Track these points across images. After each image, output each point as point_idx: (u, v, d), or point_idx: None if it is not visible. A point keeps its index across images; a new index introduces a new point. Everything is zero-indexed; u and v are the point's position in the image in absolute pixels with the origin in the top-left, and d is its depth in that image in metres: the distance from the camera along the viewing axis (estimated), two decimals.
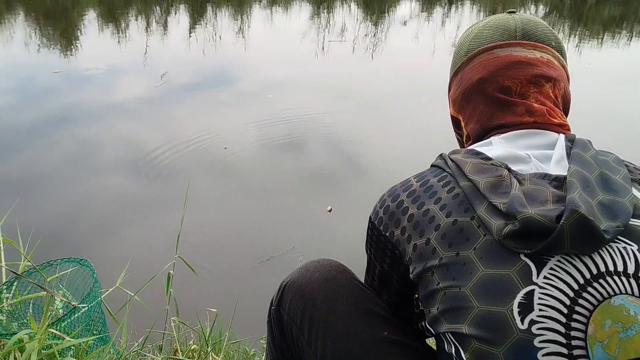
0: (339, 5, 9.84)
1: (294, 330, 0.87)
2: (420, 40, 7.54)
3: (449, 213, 0.70)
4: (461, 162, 0.75)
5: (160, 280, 1.66)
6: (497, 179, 0.70)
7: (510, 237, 0.63)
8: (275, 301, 0.92)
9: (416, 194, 0.76)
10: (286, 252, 2.75)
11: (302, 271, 0.91)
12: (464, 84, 0.88)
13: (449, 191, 0.73)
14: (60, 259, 1.59)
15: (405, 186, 0.79)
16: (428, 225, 0.71)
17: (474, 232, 0.67)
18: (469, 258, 0.66)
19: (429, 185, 0.76)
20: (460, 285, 0.66)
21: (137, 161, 3.75)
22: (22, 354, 1.20)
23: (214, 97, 5.08)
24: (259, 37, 7.50)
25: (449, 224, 0.69)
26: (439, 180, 0.76)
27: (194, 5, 9.26)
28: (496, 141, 0.80)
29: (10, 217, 1.77)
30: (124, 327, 1.44)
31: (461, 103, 0.90)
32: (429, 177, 0.77)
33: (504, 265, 0.63)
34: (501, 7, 9.83)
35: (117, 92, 5.14)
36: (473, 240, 0.67)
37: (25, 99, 4.83)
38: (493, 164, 0.73)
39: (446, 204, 0.71)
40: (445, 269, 0.68)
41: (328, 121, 4.47)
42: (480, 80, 0.85)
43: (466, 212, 0.69)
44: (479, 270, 0.65)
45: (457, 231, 0.68)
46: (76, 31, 7.50)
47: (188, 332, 1.82)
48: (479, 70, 0.85)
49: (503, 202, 0.66)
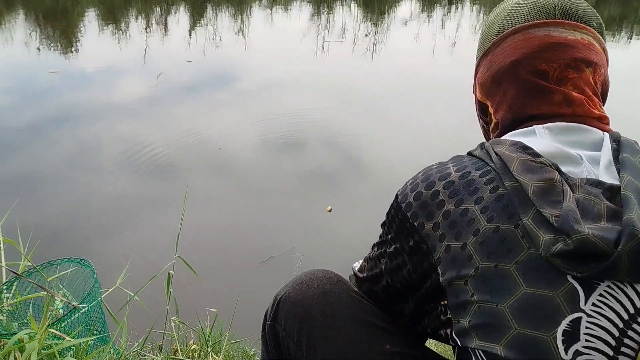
0: (339, 5, 9.84)
1: (290, 346, 0.86)
2: (420, 41, 7.54)
3: (490, 217, 0.63)
4: (507, 158, 0.66)
5: (160, 280, 1.66)
6: (548, 183, 0.62)
7: (559, 256, 0.57)
8: (270, 316, 0.91)
9: (455, 187, 0.67)
10: (286, 252, 2.75)
11: (297, 284, 0.88)
12: (495, 67, 0.80)
13: (493, 190, 0.65)
14: (60, 259, 1.59)
15: (442, 174, 0.70)
16: (466, 227, 0.64)
17: (517, 243, 0.60)
18: (509, 272, 0.60)
19: (470, 180, 0.67)
20: (497, 301, 0.60)
21: (137, 161, 3.75)
22: (22, 354, 1.20)
23: (214, 97, 5.08)
24: (259, 37, 7.50)
25: (489, 230, 0.62)
26: (481, 175, 0.67)
27: (194, 5, 9.26)
28: (540, 132, 0.71)
29: (10, 217, 1.77)
30: (124, 327, 1.44)
31: (490, 87, 0.82)
32: (470, 169, 0.68)
33: (549, 286, 0.57)
34: None
35: (115, 92, 5.14)
36: (515, 252, 0.60)
37: (22, 98, 4.83)
38: (542, 162, 0.65)
39: (488, 206, 0.64)
40: (481, 280, 0.62)
41: (328, 121, 4.47)
42: (514, 63, 0.76)
43: (510, 219, 0.62)
44: (520, 287, 0.59)
45: (498, 240, 0.61)
46: (75, 31, 7.50)
47: (188, 332, 1.82)
48: (513, 52, 0.77)
49: (555, 215, 0.59)
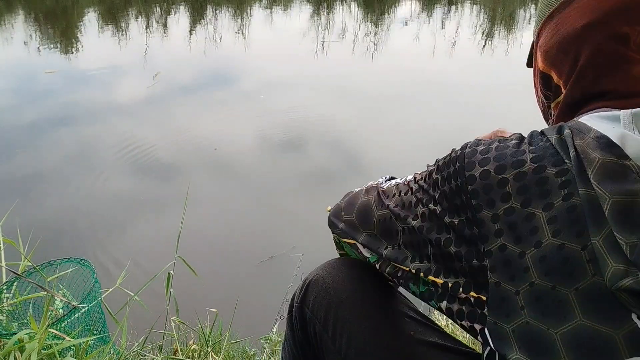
0: (338, 5, 9.84)
1: (317, 328, 0.86)
2: (420, 41, 7.54)
3: (557, 231, 0.55)
4: (587, 157, 0.55)
5: (160, 280, 1.66)
6: (630, 198, 0.52)
7: (627, 292, 0.50)
8: (298, 298, 0.91)
9: (525, 182, 0.58)
10: (286, 252, 2.75)
11: (326, 268, 0.89)
12: (563, 31, 0.68)
13: (565, 198, 0.55)
14: (60, 259, 1.59)
15: (516, 159, 0.60)
16: (528, 235, 0.56)
17: (581, 267, 0.53)
18: (567, 298, 0.53)
19: (544, 177, 0.57)
20: (548, 325, 0.54)
21: (138, 161, 3.75)
22: (22, 354, 1.20)
23: (214, 97, 5.08)
24: (258, 37, 7.50)
25: (553, 246, 0.55)
26: (557, 174, 0.57)
27: (194, 5, 9.26)
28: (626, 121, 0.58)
29: (10, 217, 1.77)
30: (124, 327, 1.44)
31: (556, 55, 0.69)
32: (546, 163, 0.58)
33: (609, 322, 0.51)
34: (501, 7, 9.84)
35: (114, 92, 5.14)
36: (577, 277, 0.53)
37: (20, 98, 4.83)
38: (628, 166, 0.53)
39: (557, 216, 0.55)
40: (535, 297, 0.56)
41: (328, 121, 4.48)
42: (587, 26, 0.65)
43: (578, 237, 0.54)
44: (576, 317, 0.53)
45: (561, 259, 0.54)
46: (75, 31, 7.50)
47: (188, 332, 1.82)
48: (586, 13, 0.65)
49: (631, 243, 0.50)
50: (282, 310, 2.19)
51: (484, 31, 8.26)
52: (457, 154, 0.67)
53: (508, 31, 8.35)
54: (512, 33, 8.16)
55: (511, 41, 7.60)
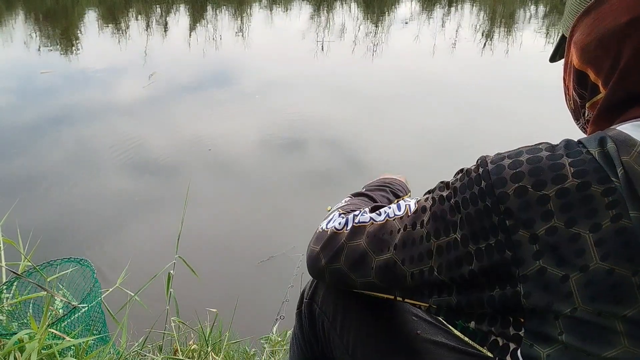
0: (338, 5, 9.84)
1: (325, 324, 0.87)
2: (420, 41, 7.54)
3: (605, 255, 0.51)
4: (636, 175, 0.52)
5: (161, 280, 1.66)
6: None
7: None
8: (308, 294, 0.92)
9: (569, 199, 0.54)
10: (286, 252, 2.75)
11: None
12: (603, 27, 0.63)
13: (614, 219, 0.51)
14: (60, 259, 1.59)
15: (557, 174, 0.55)
16: (573, 257, 0.53)
17: (631, 294, 0.50)
18: (614, 325, 0.51)
19: (589, 196, 0.53)
20: (592, 352, 0.52)
21: (137, 161, 3.75)
22: (22, 354, 1.20)
23: (214, 97, 5.08)
24: (258, 37, 7.50)
25: (601, 271, 0.51)
26: (604, 193, 0.53)
27: (194, 5, 9.26)
28: None
29: (10, 217, 1.77)
30: (124, 327, 1.44)
31: (595, 52, 0.64)
32: (591, 179, 0.53)
33: None
34: (501, 7, 9.84)
35: (114, 92, 5.14)
36: (626, 304, 0.50)
37: (18, 98, 4.83)
38: None
39: (606, 239, 0.52)
40: (577, 323, 0.53)
41: (328, 121, 4.48)
42: (631, 22, 0.60)
43: (629, 262, 0.50)
44: (621, 345, 0.50)
45: (610, 285, 0.51)
46: (75, 31, 7.50)
47: (188, 332, 1.82)
48: (629, 7, 0.60)
49: None
50: (282, 310, 2.19)
51: (484, 31, 8.26)
52: (479, 172, 0.60)
53: (508, 31, 8.34)
54: (512, 33, 8.16)
55: (511, 41, 7.60)
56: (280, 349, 1.81)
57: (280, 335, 1.90)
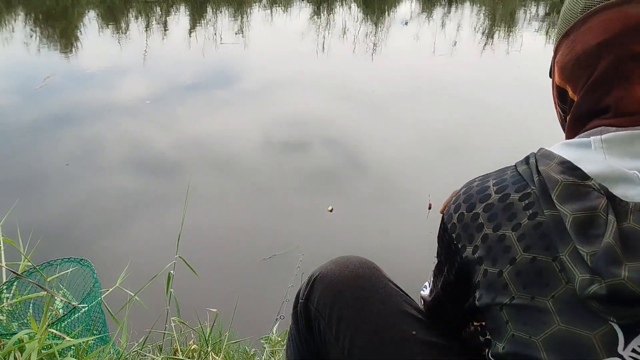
0: (338, 5, 9.84)
1: (321, 325, 0.88)
2: (420, 40, 7.54)
3: (527, 247, 0.60)
4: (550, 180, 0.61)
5: (161, 280, 1.66)
6: (590, 213, 0.57)
7: (595, 299, 0.53)
8: (304, 294, 0.92)
9: (494, 210, 0.65)
10: (288, 251, 2.75)
11: (332, 266, 0.90)
12: (578, 49, 0.70)
13: (531, 217, 0.61)
14: (60, 259, 1.59)
15: (483, 195, 0.68)
16: (502, 255, 0.62)
17: (555, 276, 0.57)
18: (545, 306, 0.58)
19: (509, 203, 0.64)
20: (531, 333, 0.59)
21: (138, 160, 3.75)
22: (22, 354, 1.20)
23: (215, 96, 5.08)
24: (258, 37, 7.50)
25: (526, 260, 0.60)
26: (520, 198, 0.64)
27: (194, 5, 9.26)
28: (597, 145, 0.63)
29: (10, 216, 1.77)
30: (124, 327, 1.44)
31: (572, 72, 0.71)
32: (510, 191, 0.65)
33: (586, 326, 0.55)
34: (501, 6, 9.84)
35: (115, 92, 5.14)
36: (553, 286, 0.57)
37: (18, 98, 4.83)
38: (590, 186, 0.59)
39: (525, 234, 0.61)
40: (516, 310, 0.61)
41: (328, 120, 4.48)
42: (601, 45, 0.66)
43: (548, 250, 0.59)
44: (555, 323, 0.57)
45: (535, 272, 0.59)
46: (75, 31, 7.50)
47: (188, 332, 1.82)
48: (601, 32, 0.67)
49: (591, 252, 0.54)
50: (282, 310, 2.19)
51: (484, 31, 8.26)
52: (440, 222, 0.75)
53: (508, 31, 8.34)
54: (512, 33, 8.16)
55: (511, 41, 7.60)
56: (280, 349, 1.81)
57: (280, 335, 1.90)
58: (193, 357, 1.66)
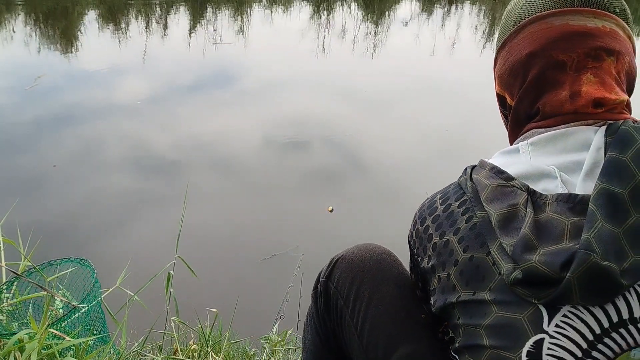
0: (338, 5, 9.84)
1: (339, 302, 0.92)
2: (420, 40, 7.55)
3: (466, 247, 0.67)
4: (480, 185, 0.69)
5: (161, 280, 1.66)
6: (511, 209, 0.64)
7: (517, 284, 0.59)
8: (325, 274, 0.96)
9: (439, 220, 0.73)
10: (288, 250, 2.75)
11: (355, 250, 0.95)
12: (512, 58, 0.77)
13: (467, 220, 0.69)
14: (60, 259, 1.59)
15: (431, 208, 0.76)
16: (448, 258, 0.69)
17: (489, 270, 0.64)
18: (484, 298, 0.64)
19: (450, 212, 0.72)
20: (476, 324, 0.65)
21: (138, 160, 3.75)
22: (22, 354, 1.20)
23: (215, 96, 5.08)
24: (258, 37, 7.50)
25: (465, 260, 0.67)
26: (459, 205, 0.72)
27: (194, 5, 9.26)
28: (524, 149, 0.71)
29: (10, 216, 1.77)
30: (124, 327, 1.44)
31: (507, 80, 0.78)
32: (451, 200, 0.73)
33: (516, 309, 0.61)
34: (501, 6, 9.84)
35: (115, 92, 5.13)
36: (488, 279, 0.64)
37: (18, 98, 4.83)
38: (513, 185, 0.66)
39: (464, 236, 0.68)
40: (464, 306, 0.67)
41: (329, 120, 4.48)
42: (531, 55, 0.73)
43: (482, 247, 0.65)
44: (493, 312, 0.63)
45: (474, 268, 0.66)
46: (75, 31, 7.50)
47: (188, 332, 1.82)
48: (530, 43, 0.74)
49: (511, 243, 0.61)
50: (282, 310, 2.19)
51: (483, 30, 8.25)
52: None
53: None
54: None
55: None
56: (280, 349, 1.81)
57: (280, 335, 1.90)
58: (193, 357, 1.66)
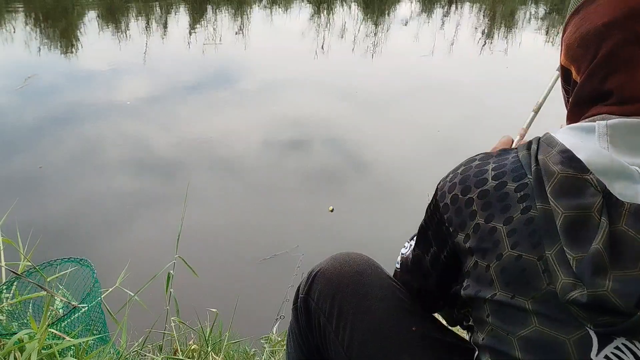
0: (338, 5, 9.84)
1: (321, 319, 0.88)
2: (420, 41, 7.54)
3: (515, 243, 0.58)
4: (547, 171, 0.58)
5: (161, 280, 1.66)
6: (583, 212, 0.54)
7: (575, 304, 0.52)
8: (304, 289, 0.93)
9: (488, 198, 0.62)
10: (289, 251, 2.74)
11: (332, 262, 0.91)
12: (585, 27, 0.66)
13: (524, 211, 0.58)
14: (60, 259, 1.59)
15: (479, 179, 0.64)
16: (491, 248, 0.60)
17: (537, 277, 0.56)
18: (524, 306, 0.57)
19: (504, 193, 0.61)
20: (509, 331, 0.58)
21: (138, 160, 3.75)
22: (22, 354, 1.19)
23: (215, 96, 5.07)
24: (258, 37, 7.49)
25: (512, 258, 0.58)
26: (517, 188, 0.60)
27: (193, 5, 9.25)
28: (601, 132, 0.59)
29: (10, 216, 1.77)
30: (124, 327, 1.44)
31: (576, 51, 0.67)
32: (507, 179, 0.62)
33: (561, 329, 0.54)
34: (501, 6, 9.83)
35: (112, 92, 5.12)
36: (533, 286, 0.56)
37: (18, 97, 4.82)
38: (587, 180, 0.55)
39: (516, 229, 0.58)
40: (498, 306, 0.60)
41: (329, 120, 4.47)
42: (608, 25, 0.63)
43: (535, 248, 0.57)
44: (532, 324, 0.56)
45: (519, 270, 0.57)
46: (75, 31, 7.50)
47: (188, 332, 1.82)
48: (608, 11, 0.63)
49: (578, 257, 0.53)
50: (282, 310, 2.19)
51: (483, 30, 8.25)
52: (434, 193, 0.71)
53: (507, 30, 8.34)
54: (511, 32, 8.15)
55: (510, 40, 7.60)
56: (280, 349, 1.81)
57: (280, 335, 1.90)
58: (193, 357, 1.66)
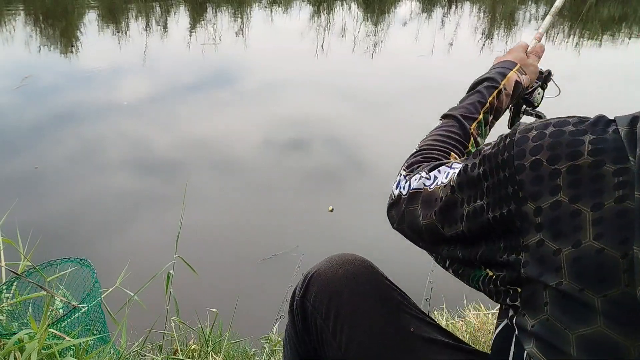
0: (338, 5, 9.84)
1: (318, 322, 0.87)
2: (420, 40, 7.54)
3: (599, 234, 0.51)
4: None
5: (161, 280, 1.66)
6: None
7: None
8: (300, 292, 0.92)
9: (580, 175, 0.53)
10: (289, 251, 2.74)
11: (328, 264, 0.90)
12: None
13: (618, 200, 0.50)
14: (60, 259, 1.59)
15: (573, 150, 0.55)
16: (569, 232, 0.53)
17: (615, 275, 0.50)
18: (592, 303, 0.51)
19: (599, 175, 0.52)
20: (567, 325, 0.53)
21: (138, 160, 3.75)
22: (22, 354, 1.19)
23: (215, 96, 5.08)
24: (259, 37, 7.49)
25: (592, 250, 0.51)
26: (615, 173, 0.51)
27: (193, 5, 9.25)
28: None
29: (10, 216, 1.77)
30: (123, 327, 1.44)
31: None
32: (606, 159, 0.52)
33: (627, 335, 0.49)
34: (501, 6, 9.84)
35: (112, 92, 5.12)
36: (608, 285, 0.50)
37: (18, 97, 4.83)
38: None
39: (604, 218, 0.51)
40: (561, 296, 0.53)
41: (329, 120, 4.47)
42: None
43: (621, 244, 0.49)
44: (596, 323, 0.51)
45: (597, 264, 0.51)
46: (75, 31, 7.50)
47: (188, 332, 1.82)
48: None
49: None
50: (283, 310, 2.19)
51: (483, 31, 8.26)
52: (505, 143, 0.61)
53: (507, 30, 8.34)
54: (511, 32, 8.15)
55: (510, 40, 7.60)
56: (280, 349, 1.81)
57: (280, 335, 1.90)
58: (193, 357, 1.66)
